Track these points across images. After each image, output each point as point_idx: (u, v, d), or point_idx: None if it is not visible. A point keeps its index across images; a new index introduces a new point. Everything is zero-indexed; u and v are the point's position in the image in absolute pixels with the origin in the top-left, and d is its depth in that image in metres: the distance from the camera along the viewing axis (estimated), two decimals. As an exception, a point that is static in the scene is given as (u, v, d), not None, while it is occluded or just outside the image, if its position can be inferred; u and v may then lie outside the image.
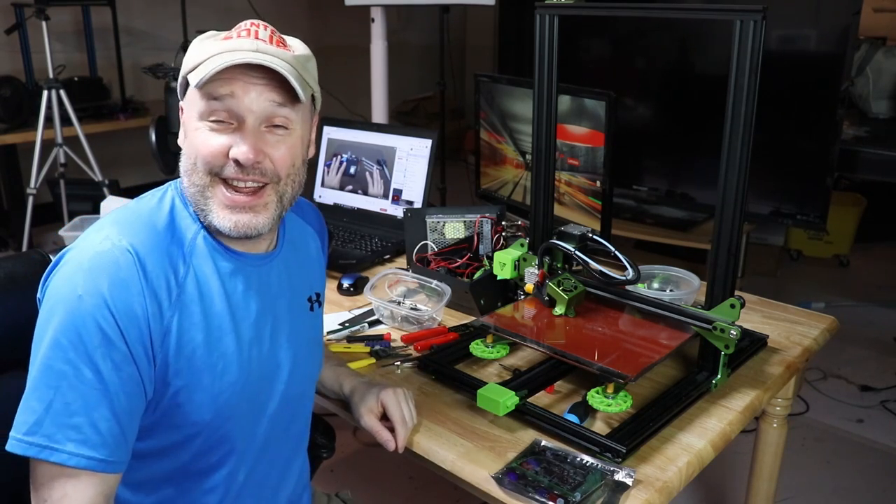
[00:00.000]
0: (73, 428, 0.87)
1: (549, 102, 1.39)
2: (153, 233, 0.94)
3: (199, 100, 0.94)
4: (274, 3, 4.99)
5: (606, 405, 1.15)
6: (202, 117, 0.94)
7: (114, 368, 0.88)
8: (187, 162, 0.97)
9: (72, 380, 0.87)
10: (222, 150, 0.94)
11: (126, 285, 0.89)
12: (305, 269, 1.14)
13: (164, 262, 0.93)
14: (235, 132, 0.94)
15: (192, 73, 0.94)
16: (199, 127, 0.95)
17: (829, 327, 1.53)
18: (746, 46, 1.11)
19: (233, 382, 0.99)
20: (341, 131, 2.13)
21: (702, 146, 2.76)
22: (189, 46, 0.98)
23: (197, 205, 0.97)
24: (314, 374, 1.18)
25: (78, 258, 0.90)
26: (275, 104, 0.95)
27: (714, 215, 1.21)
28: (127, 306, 0.88)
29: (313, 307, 1.15)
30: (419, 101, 5.91)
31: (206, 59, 0.93)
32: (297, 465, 1.17)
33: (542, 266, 1.41)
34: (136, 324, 0.89)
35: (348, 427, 2.39)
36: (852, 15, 2.42)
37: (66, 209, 3.45)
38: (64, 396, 0.87)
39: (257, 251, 1.04)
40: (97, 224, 0.95)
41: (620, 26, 3.03)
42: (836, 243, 3.93)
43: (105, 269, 0.88)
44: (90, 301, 0.87)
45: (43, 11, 3.22)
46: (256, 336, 1.03)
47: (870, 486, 2.31)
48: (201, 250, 0.98)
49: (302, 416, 1.16)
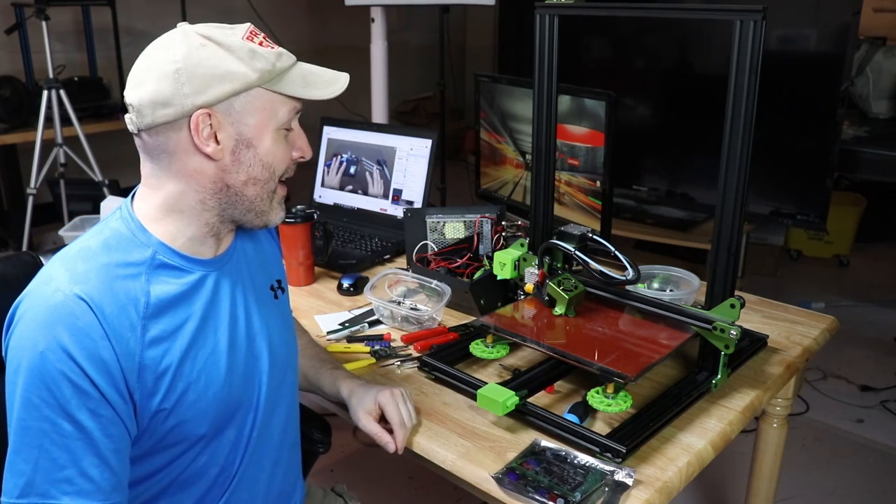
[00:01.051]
0: (66, 481, 0.86)
1: (549, 102, 1.39)
2: (104, 273, 0.90)
3: (286, 111, 0.98)
4: (274, 3, 4.99)
5: (606, 405, 1.15)
6: (282, 126, 0.98)
7: (91, 416, 0.87)
8: (266, 172, 0.98)
9: (52, 436, 0.86)
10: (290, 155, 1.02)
11: (86, 333, 0.86)
12: (261, 259, 1.14)
13: (121, 300, 0.90)
14: (290, 134, 1.01)
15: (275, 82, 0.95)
16: (278, 136, 0.98)
17: (829, 327, 1.53)
18: (746, 46, 1.11)
19: (219, 391, 0.99)
20: (341, 131, 2.13)
21: (702, 146, 2.76)
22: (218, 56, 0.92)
23: (260, 209, 1.01)
24: (291, 360, 1.17)
25: (32, 314, 0.87)
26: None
27: (714, 215, 1.21)
28: (92, 353, 0.86)
29: (277, 294, 1.15)
30: (419, 101, 5.91)
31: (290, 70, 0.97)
32: (285, 453, 1.16)
33: (542, 266, 1.41)
34: (105, 368, 0.87)
35: (348, 427, 2.39)
36: (852, 15, 2.43)
37: (66, 209, 3.45)
38: (49, 453, 0.86)
39: (217, 252, 1.03)
40: (44, 274, 0.91)
41: (620, 26, 3.03)
42: (836, 243, 3.93)
43: (62, 321, 0.86)
44: (53, 357, 0.85)
45: (43, 11, 3.22)
46: (233, 339, 1.02)
47: (870, 486, 2.31)
48: (160, 274, 0.95)
49: (284, 402, 1.14)
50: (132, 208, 0.98)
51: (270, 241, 1.20)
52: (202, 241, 1.00)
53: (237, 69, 0.92)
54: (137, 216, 0.97)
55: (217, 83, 0.91)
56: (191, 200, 0.97)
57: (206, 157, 0.94)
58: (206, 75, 0.91)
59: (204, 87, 0.91)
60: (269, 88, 0.95)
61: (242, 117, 0.94)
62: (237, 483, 1.06)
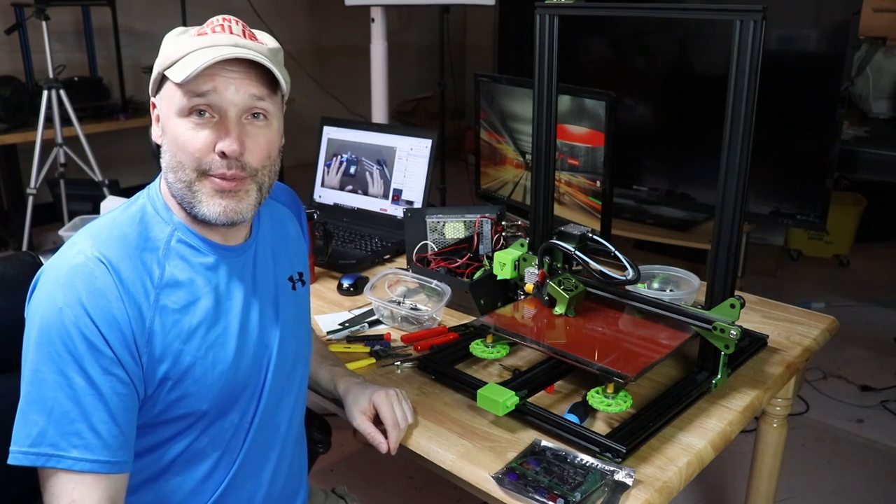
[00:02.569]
0: (75, 434, 0.89)
1: (549, 102, 1.39)
2: (124, 242, 0.96)
3: (179, 96, 0.95)
4: (274, 3, 4.99)
5: (606, 405, 1.15)
6: (183, 113, 0.96)
7: (103, 372, 0.91)
8: (172, 160, 0.98)
9: (66, 389, 0.89)
10: (208, 145, 0.96)
11: (103, 293, 0.91)
12: (285, 250, 1.16)
13: (139, 268, 0.95)
14: (217, 125, 0.96)
15: (170, 69, 0.95)
16: (180, 123, 0.96)
17: (829, 327, 1.53)
18: (746, 46, 1.11)
19: (225, 371, 1.01)
20: (341, 131, 2.13)
21: (702, 146, 2.76)
22: (162, 43, 0.99)
23: (184, 199, 0.99)
24: (302, 352, 1.18)
25: (54, 274, 0.92)
26: (254, 97, 0.97)
27: (714, 215, 1.21)
28: (106, 313, 0.91)
29: (295, 286, 1.16)
30: (419, 101, 5.91)
31: (185, 56, 0.95)
32: (290, 445, 1.17)
33: (542, 266, 1.41)
34: (118, 328, 0.92)
35: (348, 427, 2.37)
36: (852, 15, 2.43)
37: (66, 209, 3.45)
38: (62, 406, 0.89)
39: (236, 241, 1.06)
40: (70, 240, 0.97)
41: (620, 26, 3.03)
42: (836, 243, 3.93)
43: (81, 279, 0.91)
44: (71, 312, 0.90)
45: (43, 11, 3.22)
46: (244, 324, 1.05)
47: (870, 486, 2.31)
48: (177, 251, 1.00)
49: (292, 393, 1.15)
50: (160, 188, 1.03)
51: (299, 232, 1.23)
52: (205, 228, 1.02)
53: (159, 58, 0.98)
54: (163, 195, 1.02)
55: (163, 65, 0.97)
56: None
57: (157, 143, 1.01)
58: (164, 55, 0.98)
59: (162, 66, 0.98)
60: (165, 74, 0.96)
61: (160, 105, 1.00)
62: (239, 468, 1.07)
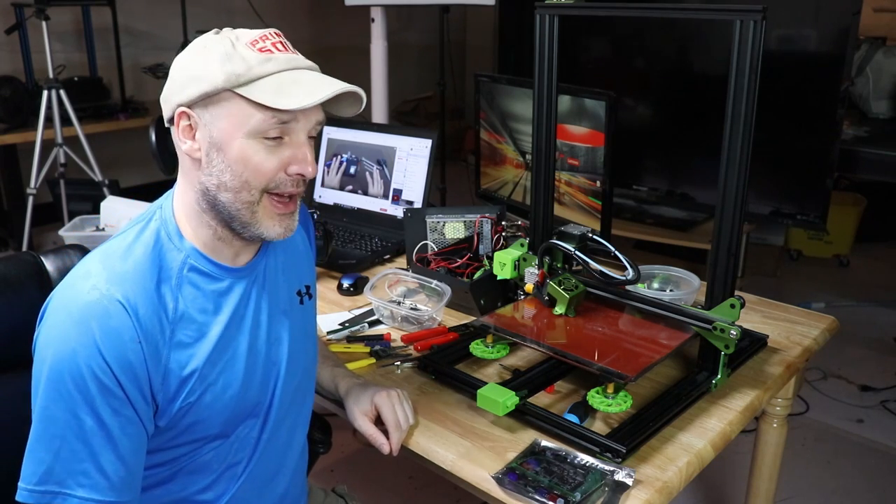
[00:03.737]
0: (82, 474, 0.89)
1: (549, 102, 1.39)
2: (140, 276, 0.93)
3: (259, 118, 0.92)
4: (274, 4, 4.99)
5: (606, 405, 1.15)
6: (256, 134, 0.93)
7: (113, 414, 0.90)
8: (236, 180, 0.94)
9: (75, 429, 0.89)
10: (282, 168, 0.95)
11: (118, 334, 0.89)
12: (293, 264, 1.15)
13: (155, 303, 0.93)
14: (287, 146, 0.95)
15: (247, 87, 0.91)
16: (252, 144, 0.93)
17: (829, 327, 1.53)
18: (746, 46, 1.11)
19: (235, 394, 1.01)
20: (341, 131, 2.13)
21: (702, 146, 2.76)
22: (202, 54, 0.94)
23: (241, 219, 0.97)
24: (309, 367, 1.18)
25: (68, 309, 0.90)
26: (319, 123, 0.98)
27: (714, 215, 1.21)
28: (120, 355, 0.89)
29: (303, 300, 1.15)
30: (419, 101, 5.91)
31: (269, 76, 0.92)
32: (293, 457, 1.17)
33: (542, 266, 1.41)
34: (132, 371, 0.91)
35: (348, 427, 2.37)
36: (852, 15, 2.43)
37: (66, 209, 3.45)
38: (70, 445, 0.89)
39: (246, 259, 1.04)
40: (83, 268, 0.94)
41: (620, 26, 3.03)
42: (836, 243, 3.92)
43: (96, 319, 0.89)
44: (84, 353, 0.88)
45: (43, 11, 3.22)
46: (252, 344, 1.04)
47: (870, 486, 2.30)
48: (189, 279, 0.98)
49: (298, 409, 1.15)
50: (174, 208, 1.00)
51: (306, 244, 1.20)
52: (220, 248, 1.00)
53: (209, 70, 0.92)
54: (175, 216, 1.00)
55: (192, 83, 0.93)
56: (190, 199, 0.99)
57: (188, 156, 0.97)
58: (186, 76, 0.94)
59: (182, 87, 0.94)
60: (238, 93, 0.92)
61: (214, 120, 0.94)
62: (245, 482, 1.07)
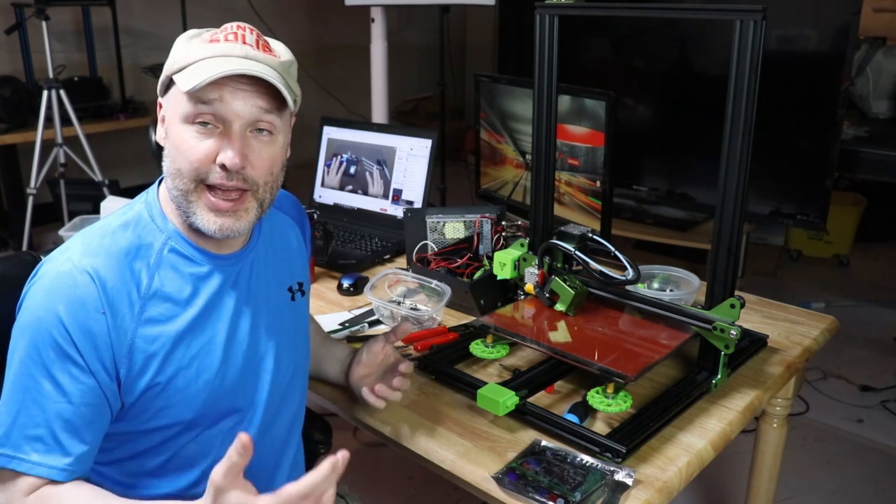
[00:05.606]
0: (37, 439, 0.91)
1: (549, 102, 1.39)
2: (114, 250, 0.96)
3: (184, 102, 0.94)
4: (274, 3, 4.99)
5: (606, 405, 1.15)
6: (187, 120, 0.95)
7: (72, 381, 0.92)
8: (171, 165, 0.97)
9: (34, 393, 0.91)
10: (209, 156, 0.95)
11: (82, 303, 0.92)
12: (284, 260, 1.15)
13: (126, 278, 0.95)
14: (221, 136, 0.95)
15: (178, 74, 0.94)
16: (183, 130, 0.95)
17: (829, 327, 1.53)
18: (746, 46, 1.11)
19: (210, 380, 1.01)
20: (341, 131, 2.13)
21: (702, 146, 2.76)
22: (174, 45, 0.98)
23: (180, 207, 0.98)
24: (300, 363, 1.18)
25: (41, 280, 0.94)
26: (262, 110, 0.96)
27: (714, 215, 1.21)
28: (83, 323, 0.92)
29: (294, 297, 1.15)
30: (419, 101, 5.91)
31: (195, 63, 0.93)
32: (290, 455, 1.17)
33: (542, 266, 1.41)
34: (93, 340, 0.92)
35: (348, 427, 2.39)
36: (852, 15, 2.43)
37: (66, 209, 3.45)
38: (28, 409, 0.91)
39: (232, 250, 1.05)
40: (66, 243, 0.99)
41: (620, 26, 3.03)
42: (836, 243, 3.93)
43: (63, 288, 0.92)
44: (47, 318, 0.91)
45: (43, 11, 3.22)
46: (232, 333, 1.04)
47: (870, 486, 2.30)
48: (169, 260, 0.99)
49: (291, 406, 1.15)
50: (158, 192, 1.03)
51: (301, 242, 1.21)
52: (200, 234, 1.00)
53: (169, 59, 0.97)
54: (161, 200, 1.02)
55: (172, 69, 0.97)
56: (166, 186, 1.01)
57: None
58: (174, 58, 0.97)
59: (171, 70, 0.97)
60: (173, 79, 0.95)
61: (167, 107, 0.99)
62: None
